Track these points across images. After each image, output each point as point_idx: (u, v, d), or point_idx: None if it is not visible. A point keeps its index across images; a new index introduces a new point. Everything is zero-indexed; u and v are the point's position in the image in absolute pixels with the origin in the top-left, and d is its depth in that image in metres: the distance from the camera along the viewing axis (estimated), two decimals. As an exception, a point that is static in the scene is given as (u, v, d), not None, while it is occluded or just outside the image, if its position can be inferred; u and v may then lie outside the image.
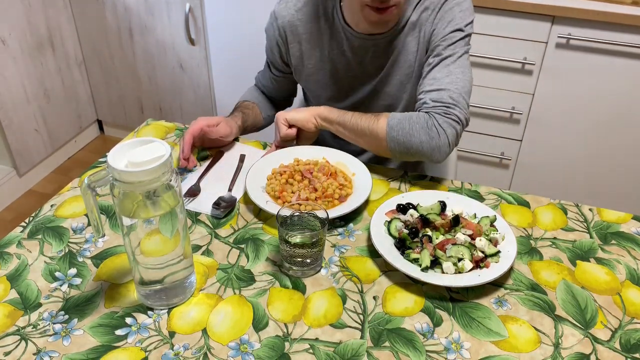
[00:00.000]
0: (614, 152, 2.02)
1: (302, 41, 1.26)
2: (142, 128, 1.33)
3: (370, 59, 1.23)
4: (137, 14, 2.40)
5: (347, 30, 1.20)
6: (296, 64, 1.30)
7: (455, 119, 1.09)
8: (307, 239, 0.89)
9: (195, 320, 0.85)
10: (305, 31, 1.25)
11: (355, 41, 1.21)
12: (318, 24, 1.23)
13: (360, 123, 1.14)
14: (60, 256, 0.96)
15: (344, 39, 1.22)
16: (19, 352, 0.80)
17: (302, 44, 1.26)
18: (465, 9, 1.17)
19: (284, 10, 1.25)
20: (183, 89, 2.53)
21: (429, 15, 1.18)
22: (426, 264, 0.90)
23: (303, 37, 1.25)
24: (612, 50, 1.84)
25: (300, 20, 1.24)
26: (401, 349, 0.81)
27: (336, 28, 1.22)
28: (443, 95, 1.10)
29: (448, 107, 1.09)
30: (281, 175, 1.10)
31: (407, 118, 1.11)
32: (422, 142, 1.08)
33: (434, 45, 1.17)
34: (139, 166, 0.73)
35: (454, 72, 1.13)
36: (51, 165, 2.65)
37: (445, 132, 1.08)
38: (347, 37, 1.21)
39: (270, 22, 1.28)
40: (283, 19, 1.25)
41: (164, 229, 0.79)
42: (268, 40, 1.31)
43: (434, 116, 1.09)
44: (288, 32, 1.25)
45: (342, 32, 1.21)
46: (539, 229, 1.04)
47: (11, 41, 2.29)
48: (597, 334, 0.84)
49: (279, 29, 1.26)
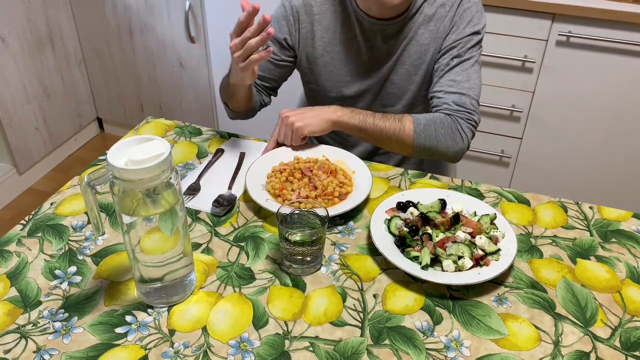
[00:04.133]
0: (614, 150, 2.02)
1: (314, 22, 1.25)
2: (142, 126, 1.33)
3: (380, 45, 1.24)
4: (137, 12, 2.40)
5: (359, 14, 1.21)
6: (304, 45, 1.28)
7: (473, 124, 1.17)
8: (307, 237, 0.89)
9: (195, 318, 0.85)
10: (319, 12, 1.25)
11: (366, 25, 1.21)
12: (333, 6, 1.24)
13: (385, 129, 1.15)
14: (60, 254, 0.96)
15: (356, 22, 1.22)
16: (19, 350, 0.80)
17: (314, 24, 1.26)
18: (480, 8, 1.21)
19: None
20: (183, 87, 2.53)
21: (446, 11, 1.19)
22: (426, 262, 0.90)
23: (316, 18, 1.25)
24: (613, 48, 1.84)
25: (315, 1, 1.24)
26: (401, 347, 0.81)
27: (349, 11, 1.23)
28: (465, 100, 1.15)
29: (470, 113, 1.15)
30: (281, 173, 1.10)
31: (432, 122, 1.14)
32: (448, 147, 1.14)
33: (453, 44, 1.19)
34: (138, 164, 0.73)
35: (472, 77, 1.18)
36: (51, 163, 2.65)
37: (467, 136, 1.15)
38: (359, 20, 1.22)
39: (282, 2, 1.27)
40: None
41: (164, 227, 0.79)
42: (275, 21, 1.28)
43: (458, 121, 1.14)
44: (302, 11, 1.25)
45: (355, 15, 1.22)
46: (539, 227, 1.04)
47: (11, 39, 2.29)
48: (597, 332, 0.84)
49: (292, 8, 1.25)
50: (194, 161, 1.20)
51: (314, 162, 1.13)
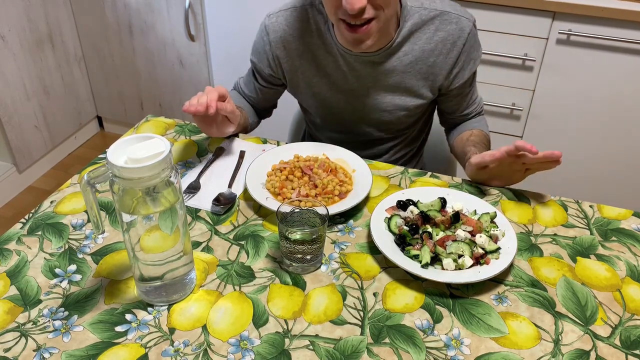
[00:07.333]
0: (614, 148, 2.02)
1: (294, 57, 1.23)
2: (142, 124, 1.33)
3: (369, 75, 1.21)
4: (137, 10, 2.39)
5: (340, 48, 1.17)
6: (291, 78, 1.27)
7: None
8: (307, 235, 0.89)
9: (195, 316, 0.85)
10: (298, 47, 1.21)
11: (349, 58, 1.18)
12: (311, 39, 1.20)
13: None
14: (60, 252, 0.96)
15: (339, 55, 1.19)
16: (19, 348, 0.80)
17: (295, 59, 1.23)
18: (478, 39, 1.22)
19: (275, 25, 1.21)
20: (183, 85, 2.53)
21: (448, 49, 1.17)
22: (426, 260, 0.90)
23: (295, 53, 1.22)
24: (613, 46, 1.84)
25: (292, 36, 1.21)
26: (401, 345, 0.81)
27: (329, 43, 1.19)
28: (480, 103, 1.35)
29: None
30: (281, 171, 1.10)
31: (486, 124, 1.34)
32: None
33: (465, 82, 1.23)
34: (138, 162, 0.73)
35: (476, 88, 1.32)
36: (51, 162, 2.65)
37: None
38: (341, 54, 1.19)
39: (261, 36, 1.24)
40: (275, 34, 1.21)
41: (164, 226, 0.79)
42: (257, 53, 1.27)
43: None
44: (280, 47, 1.22)
45: (336, 48, 1.19)
46: (539, 225, 1.04)
47: (11, 38, 2.29)
48: (597, 331, 0.84)
49: (270, 44, 1.22)
50: (193, 159, 1.20)
51: (314, 160, 1.13)
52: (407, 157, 1.39)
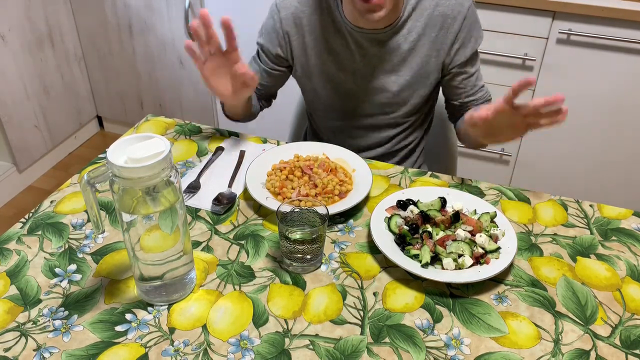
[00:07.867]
0: (614, 148, 2.02)
1: (305, 34, 1.24)
2: (142, 124, 1.33)
3: (374, 52, 1.22)
4: (137, 10, 2.39)
5: (348, 25, 1.20)
6: (298, 56, 1.28)
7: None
8: (307, 235, 0.89)
9: (195, 316, 0.85)
10: (309, 23, 1.23)
11: (356, 35, 1.20)
12: (321, 16, 1.22)
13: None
14: (60, 252, 0.96)
15: (347, 32, 1.21)
16: (19, 348, 0.80)
17: (305, 36, 1.25)
18: (478, 17, 1.22)
19: (286, 2, 1.23)
20: (183, 85, 2.53)
21: (449, 24, 1.18)
22: (426, 260, 0.90)
23: (306, 30, 1.24)
24: (613, 46, 1.83)
25: (303, 13, 1.23)
26: (401, 345, 0.81)
27: (338, 22, 1.21)
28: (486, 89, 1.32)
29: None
30: (281, 171, 1.10)
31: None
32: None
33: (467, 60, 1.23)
34: (138, 162, 0.73)
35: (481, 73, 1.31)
36: (51, 162, 2.65)
37: None
38: (349, 32, 1.21)
39: (271, 15, 1.26)
40: (286, 11, 1.23)
41: (164, 225, 0.79)
42: (266, 34, 1.28)
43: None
44: (291, 25, 1.24)
45: (344, 26, 1.21)
46: (539, 225, 1.04)
47: (11, 37, 2.29)
48: (597, 330, 0.84)
49: (282, 21, 1.24)
50: (193, 159, 1.20)
51: (314, 160, 1.13)
52: (408, 148, 1.39)
